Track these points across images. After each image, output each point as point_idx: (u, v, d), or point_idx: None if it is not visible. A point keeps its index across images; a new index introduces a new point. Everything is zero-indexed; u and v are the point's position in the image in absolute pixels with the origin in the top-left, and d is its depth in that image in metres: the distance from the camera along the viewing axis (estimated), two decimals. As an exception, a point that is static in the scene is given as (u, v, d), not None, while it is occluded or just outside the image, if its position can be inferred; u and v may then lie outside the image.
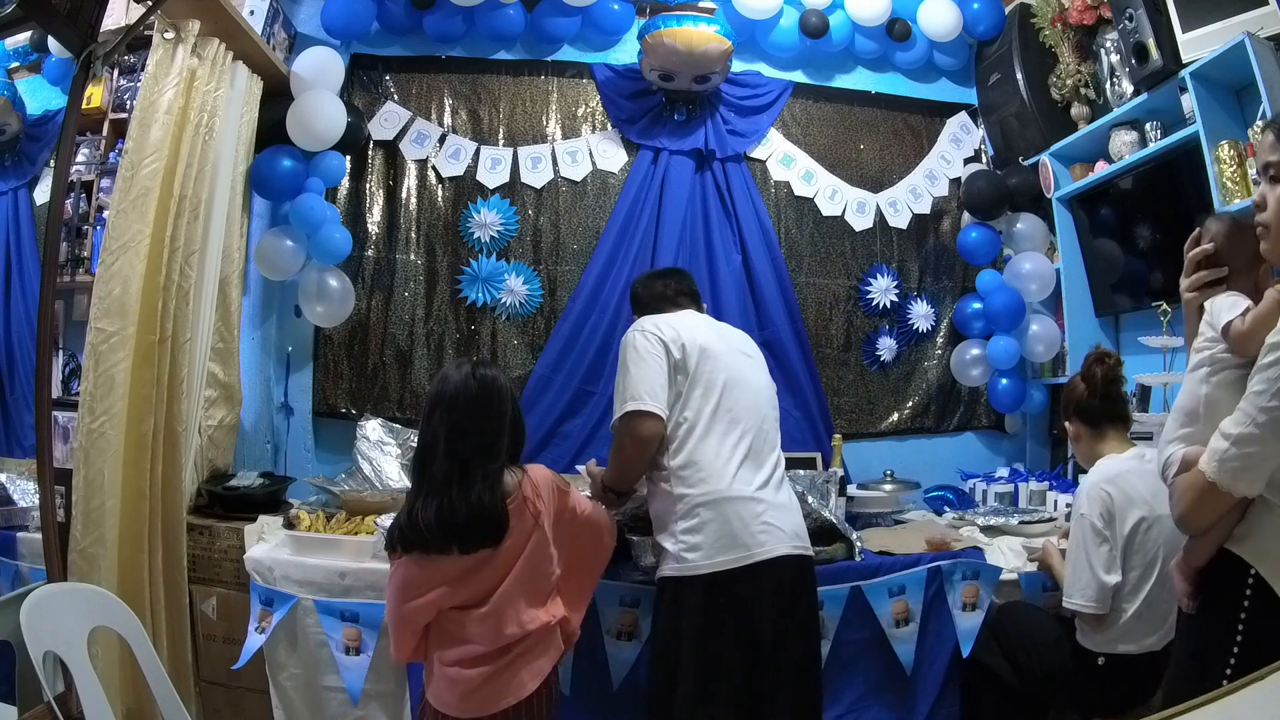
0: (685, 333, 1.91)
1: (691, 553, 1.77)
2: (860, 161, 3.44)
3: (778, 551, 1.78)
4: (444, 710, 1.66)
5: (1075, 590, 1.97)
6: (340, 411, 3.05)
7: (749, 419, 1.89)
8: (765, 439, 1.92)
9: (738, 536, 1.77)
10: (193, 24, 2.30)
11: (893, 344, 3.38)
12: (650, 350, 1.87)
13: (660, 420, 1.82)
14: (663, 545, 1.84)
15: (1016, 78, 3.14)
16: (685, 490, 1.81)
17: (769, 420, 1.97)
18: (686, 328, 1.94)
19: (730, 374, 1.91)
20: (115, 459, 2.08)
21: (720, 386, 1.88)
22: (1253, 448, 1.22)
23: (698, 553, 1.77)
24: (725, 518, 1.78)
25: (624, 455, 1.88)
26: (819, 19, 3.24)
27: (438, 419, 1.66)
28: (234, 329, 2.66)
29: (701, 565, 1.76)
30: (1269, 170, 1.31)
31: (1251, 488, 1.24)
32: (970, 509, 2.87)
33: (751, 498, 1.81)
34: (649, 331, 1.91)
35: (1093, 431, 2.11)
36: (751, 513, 1.79)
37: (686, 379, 1.86)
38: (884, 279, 3.38)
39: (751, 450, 1.87)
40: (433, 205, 3.15)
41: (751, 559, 1.76)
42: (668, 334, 1.90)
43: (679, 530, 1.80)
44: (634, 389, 1.83)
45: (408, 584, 1.67)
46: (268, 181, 2.79)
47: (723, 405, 1.87)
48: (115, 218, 2.14)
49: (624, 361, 1.89)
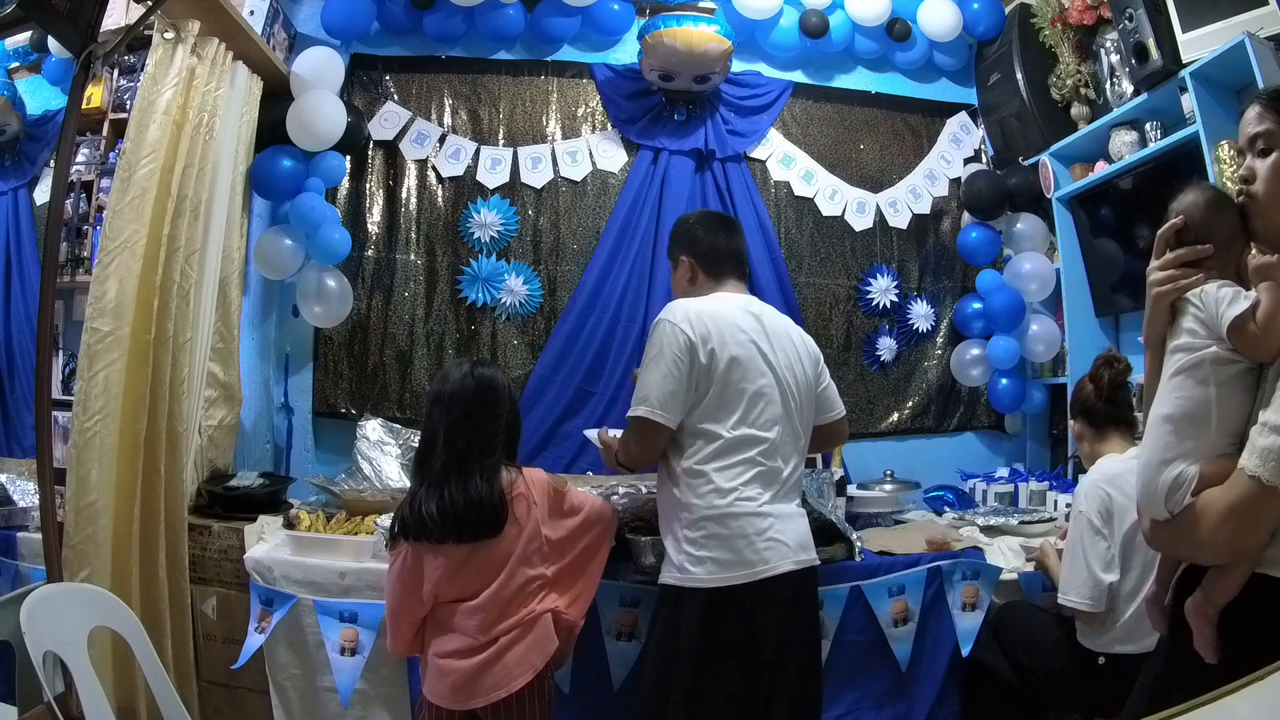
0: (717, 334, 1.78)
1: (695, 566, 1.72)
2: (860, 161, 3.44)
3: (781, 569, 1.73)
4: (437, 702, 1.72)
5: (1071, 588, 1.97)
6: (340, 411, 3.05)
7: (774, 429, 1.80)
8: (791, 446, 1.84)
9: (742, 554, 1.71)
10: (192, 24, 2.30)
11: (893, 344, 3.38)
12: (676, 352, 1.76)
13: (668, 431, 1.77)
14: (666, 547, 1.80)
15: (1016, 78, 3.14)
16: (693, 500, 1.75)
17: (802, 419, 1.88)
18: (724, 325, 1.80)
19: (759, 384, 1.79)
20: (108, 458, 2.08)
21: (745, 399, 1.78)
22: None
23: (701, 567, 1.72)
24: (730, 534, 1.72)
25: (629, 452, 1.85)
26: (819, 19, 3.24)
27: (437, 416, 1.76)
28: (234, 329, 2.66)
29: (704, 580, 1.71)
30: (1257, 142, 1.19)
31: None
32: (970, 509, 2.87)
33: (758, 513, 1.74)
34: (680, 326, 1.78)
35: (1095, 433, 2.12)
36: (756, 529, 1.73)
37: (710, 386, 1.77)
38: (884, 279, 3.38)
39: (769, 463, 1.78)
40: (433, 205, 3.15)
41: (755, 576, 1.71)
42: (699, 331, 1.77)
43: (683, 538, 1.75)
44: (648, 392, 1.76)
45: (407, 575, 1.75)
46: (268, 181, 2.79)
47: (745, 419, 1.77)
48: (111, 218, 2.14)
49: (650, 351, 1.79)
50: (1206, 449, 1.16)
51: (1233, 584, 1.12)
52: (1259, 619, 1.09)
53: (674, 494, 1.79)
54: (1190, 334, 1.19)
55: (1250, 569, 1.11)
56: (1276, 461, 1.05)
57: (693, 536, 1.73)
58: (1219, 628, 1.13)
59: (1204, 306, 1.18)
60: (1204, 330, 1.18)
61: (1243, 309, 1.13)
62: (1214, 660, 1.13)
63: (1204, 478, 1.14)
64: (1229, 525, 1.09)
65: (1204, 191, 1.26)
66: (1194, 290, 1.20)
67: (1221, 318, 1.15)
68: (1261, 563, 1.10)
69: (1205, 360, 1.17)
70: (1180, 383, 1.19)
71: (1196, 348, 1.18)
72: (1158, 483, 1.18)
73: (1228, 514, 1.10)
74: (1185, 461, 1.16)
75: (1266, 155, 1.17)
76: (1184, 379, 1.19)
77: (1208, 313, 1.17)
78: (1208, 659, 1.14)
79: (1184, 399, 1.18)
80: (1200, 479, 1.14)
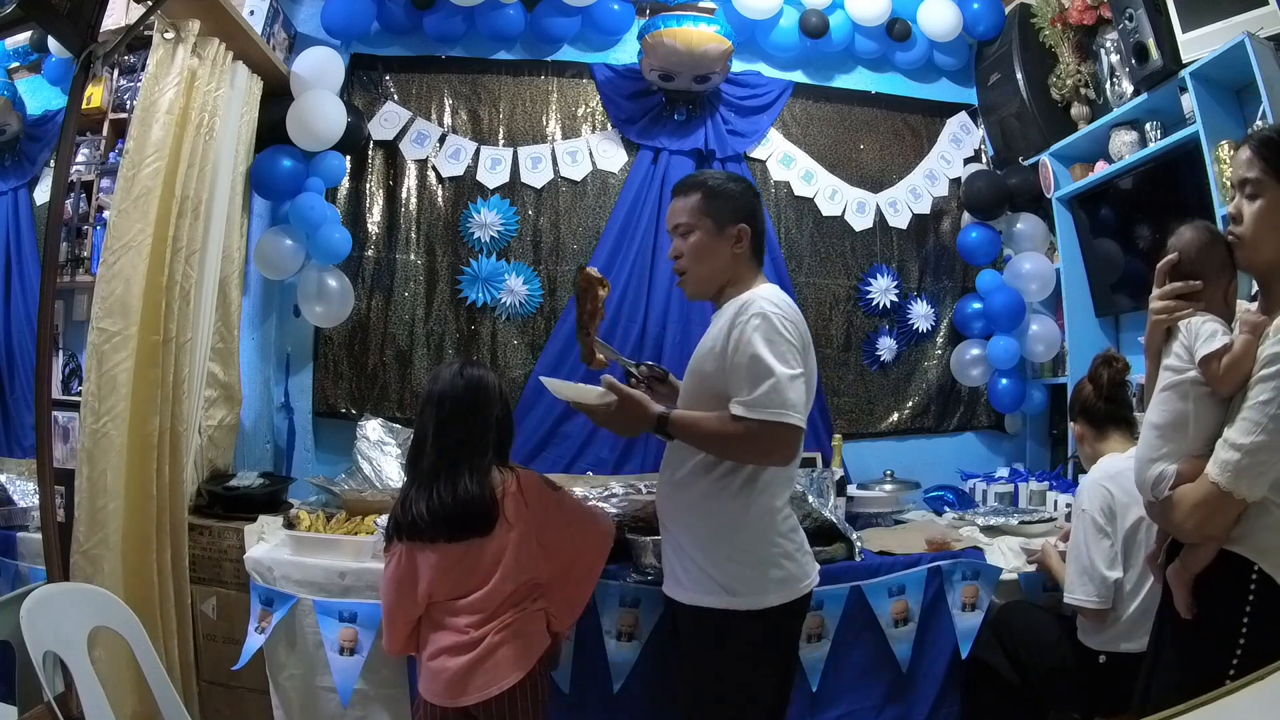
0: (808, 335, 1.67)
1: (802, 571, 1.66)
2: (860, 161, 3.44)
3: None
4: (431, 699, 1.73)
5: (1077, 586, 1.97)
6: (340, 411, 3.05)
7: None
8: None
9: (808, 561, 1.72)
10: (193, 24, 2.30)
11: (893, 344, 3.38)
12: (800, 346, 1.60)
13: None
14: (719, 567, 1.62)
15: (1016, 78, 3.14)
16: (779, 503, 1.66)
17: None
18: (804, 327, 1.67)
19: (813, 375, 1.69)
20: (119, 460, 2.08)
21: (812, 392, 1.67)
22: (1265, 454, 1.27)
23: (806, 571, 1.67)
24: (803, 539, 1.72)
25: (748, 456, 1.60)
26: (819, 19, 3.24)
27: (427, 415, 1.78)
28: (234, 329, 2.66)
29: (811, 581, 1.69)
30: (1245, 187, 1.36)
31: (1260, 492, 1.29)
32: (970, 509, 2.87)
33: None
34: (792, 320, 1.61)
35: (1096, 433, 2.12)
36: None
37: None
38: (884, 279, 3.38)
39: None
40: (433, 205, 3.15)
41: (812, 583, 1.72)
42: (802, 326, 1.64)
43: (776, 548, 1.63)
44: (792, 396, 1.53)
45: (401, 575, 1.76)
46: (268, 181, 2.79)
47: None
48: (117, 218, 2.14)
49: (778, 348, 1.55)
50: (1184, 451, 1.39)
51: (1204, 556, 1.37)
52: (1225, 584, 1.34)
53: (750, 501, 1.63)
54: (1177, 357, 1.42)
55: (1217, 546, 1.35)
56: (1233, 472, 1.29)
57: (789, 547, 1.65)
58: (1194, 591, 1.38)
59: (1189, 336, 1.40)
60: (1186, 355, 1.40)
61: (1214, 348, 1.34)
62: (1189, 616, 1.38)
63: (1181, 474, 1.38)
64: (1195, 517, 1.35)
65: (1197, 230, 1.46)
66: (1184, 320, 1.41)
67: (1196, 351, 1.37)
68: (1228, 540, 1.34)
69: (1185, 381, 1.40)
70: (1166, 397, 1.43)
71: (1180, 369, 1.41)
72: (1145, 476, 1.44)
73: (1194, 509, 1.35)
74: (1167, 461, 1.41)
75: (1253, 200, 1.36)
76: (1169, 394, 1.42)
77: (1189, 343, 1.39)
78: (1184, 615, 1.39)
79: (1168, 411, 1.42)
80: (1178, 475, 1.38)
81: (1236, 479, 1.29)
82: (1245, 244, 1.38)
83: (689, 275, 1.75)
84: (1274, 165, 1.33)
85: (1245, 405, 1.30)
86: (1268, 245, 1.36)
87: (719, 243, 1.71)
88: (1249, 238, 1.37)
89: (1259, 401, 1.28)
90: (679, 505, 1.70)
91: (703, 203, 1.72)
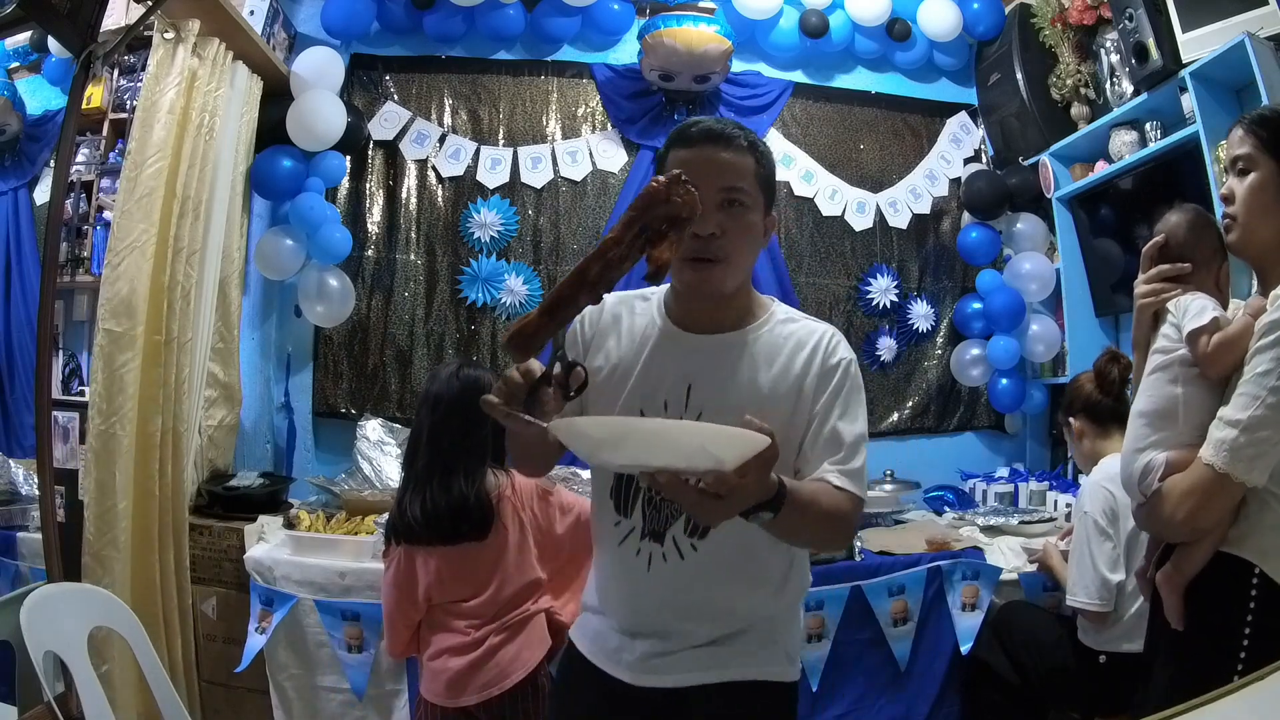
0: None
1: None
2: (860, 161, 3.43)
3: None
4: (433, 699, 1.73)
5: (1079, 588, 1.97)
6: (340, 411, 3.04)
7: None
8: None
9: None
10: (193, 24, 2.30)
11: (893, 344, 3.37)
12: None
13: None
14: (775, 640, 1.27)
15: (1016, 78, 3.14)
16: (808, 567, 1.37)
17: None
18: None
19: None
20: (126, 460, 2.08)
21: None
22: (1266, 430, 1.16)
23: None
24: None
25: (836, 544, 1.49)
26: (819, 19, 3.24)
27: (423, 415, 1.78)
28: (234, 329, 2.67)
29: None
30: (1237, 164, 1.29)
31: (1260, 476, 1.18)
32: (970, 509, 2.87)
33: None
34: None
35: (1098, 430, 2.11)
36: None
37: None
38: (884, 279, 3.38)
39: None
40: (433, 205, 3.15)
41: None
42: None
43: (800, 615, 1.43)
44: (865, 469, 1.23)
45: (400, 579, 1.76)
46: (268, 181, 2.79)
47: None
48: (120, 218, 2.14)
49: (861, 403, 1.23)
50: (1174, 440, 1.29)
51: (1198, 558, 1.25)
52: (1223, 591, 1.23)
53: (803, 563, 1.35)
54: (1165, 338, 1.33)
55: (1214, 546, 1.24)
56: (1229, 452, 1.18)
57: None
58: (1186, 599, 1.27)
59: (1177, 314, 1.31)
60: (1175, 335, 1.31)
61: (1203, 323, 1.26)
62: (1179, 627, 1.27)
63: (1171, 465, 1.27)
64: (1187, 506, 1.23)
65: (1186, 213, 1.39)
66: (1173, 301, 1.33)
67: (1184, 326, 1.28)
68: (1225, 541, 1.24)
69: (1175, 361, 1.30)
70: (1153, 381, 1.33)
71: (1169, 350, 1.32)
72: (1131, 469, 1.33)
73: (1185, 496, 1.23)
74: (1155, 451, 1.30)
75: (1245, 176, 1.28)
76: (1157, 378, 1.33)
77: (1179, 320, 1.30)
78: (1174, 625, 1.28)
79: (1156, 396, 1.33)
80: (1167, 466, 1.27)
81: (1234, 459, 1.17)
82: (1239, 225, 1.29)
83: (730, 263, 1.17)
84: (1265, 140, 1.26)
85: (1242, 380, 1.20)
86: (1263, 225, 1.26)
87: (760, 231, 1.21)
88: (1243, 217, 1.28)
89: (1258, 373, 1.17)
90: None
91: (759, 170, 1.19)
